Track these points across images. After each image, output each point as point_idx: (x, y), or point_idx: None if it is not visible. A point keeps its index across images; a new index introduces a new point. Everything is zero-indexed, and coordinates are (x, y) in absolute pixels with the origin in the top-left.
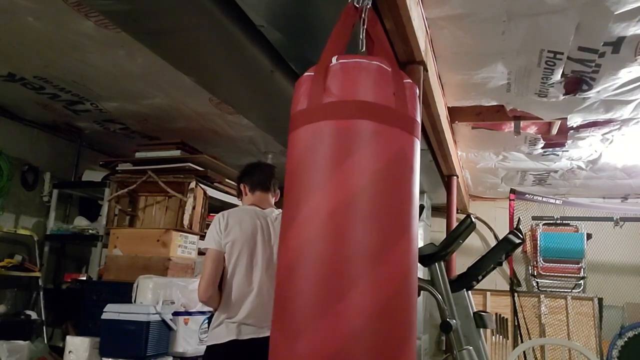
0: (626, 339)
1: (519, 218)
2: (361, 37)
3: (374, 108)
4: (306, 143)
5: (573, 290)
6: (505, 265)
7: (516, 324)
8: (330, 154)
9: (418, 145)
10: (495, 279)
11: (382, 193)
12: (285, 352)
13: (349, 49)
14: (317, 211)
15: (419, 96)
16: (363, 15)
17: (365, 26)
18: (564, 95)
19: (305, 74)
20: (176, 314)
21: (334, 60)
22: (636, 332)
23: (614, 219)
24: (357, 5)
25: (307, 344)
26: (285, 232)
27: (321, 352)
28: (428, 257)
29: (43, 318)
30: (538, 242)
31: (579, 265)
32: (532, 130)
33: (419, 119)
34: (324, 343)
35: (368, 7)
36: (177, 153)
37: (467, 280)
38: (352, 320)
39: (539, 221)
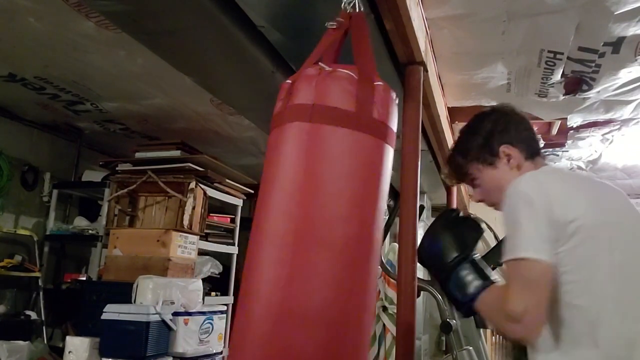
0: None
1: None
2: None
3: (334, 112)
4: (271, 144)
5: None
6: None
7: None
8: (292, 154)
9: (388, 149)
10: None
11: (333, 192)
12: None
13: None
14: (286, 198)
15: (419, 98)
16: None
17: (349, 33)
18: (564, 95)
19: (286, 81)
20: (176, 314)
21: (308, 68)
22: None
23: None
24: (350, 12)
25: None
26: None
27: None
28: None
29: (43, 318)
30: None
31: None
32: None
33: (391, 125)
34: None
35: (357, 13)
36: (177, 153)
37: None
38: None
39: None
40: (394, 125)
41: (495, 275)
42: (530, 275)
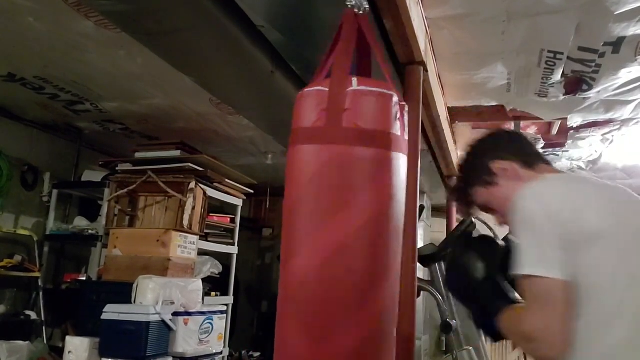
0: None
1: None
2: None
3: (377, 135)
4: (324, 163)
5: None
6: None
7: None
8: (357, 176)
9: (405, 159)
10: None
11: (398, 213)
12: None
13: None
14: (347, 225)
15: (419, 98)
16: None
17: (360, 33)
18: (564, 95)
19: (316, 88)
20: (176, 314)
21: (354, 82)
22: None
23: None
24: (356, 12)
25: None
26: (290, 257)
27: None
28: (428, 258)
29: (43, 318)
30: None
31: None
32: (532, 130)
33: (407, 137)
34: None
35: (365, 12)
36: (177, 153)
37: None
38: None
39: None
40: (407, 134)
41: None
42: (544, 293)
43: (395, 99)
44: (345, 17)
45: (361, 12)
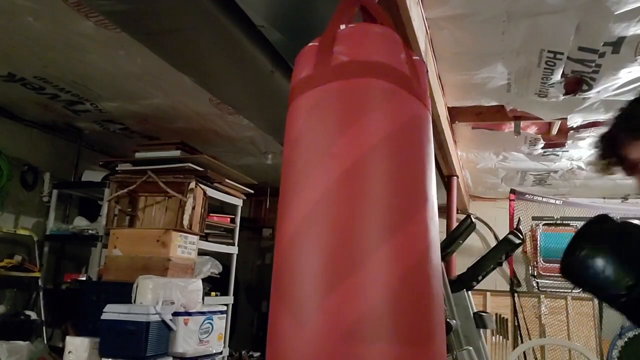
0: (626, 340)
1: (519, 218)
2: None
3: (388, 69)
4: (311, 107)
5: (573, 291)
6: (505, 265)
7: (516, 324)
8: (340, 114)
9: (430, 119)
10: (495, 280)
11: (398, 156)
12: (293, 336)
13: None
14: (327, 175)
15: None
16: None
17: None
18: (564, 95)
19: (309, 44)
20: (176, 314)
21: (342, 27)
22: (636, 333)
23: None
24: None
25: (317, 325)
26: (289, 204)
27: (334, 332)
28: None
29: (43, 318)
30: (538, 242)
31: None
32: (532, 130)
33: (427, 94)
34: (336, 321)
35: None
36: (177, 153)
37: (467, 280)
38: (368, 295)
39: (539, 221)
40: (427, 94)
41: None
42: None
43: (395, 38)
44: None
45: None
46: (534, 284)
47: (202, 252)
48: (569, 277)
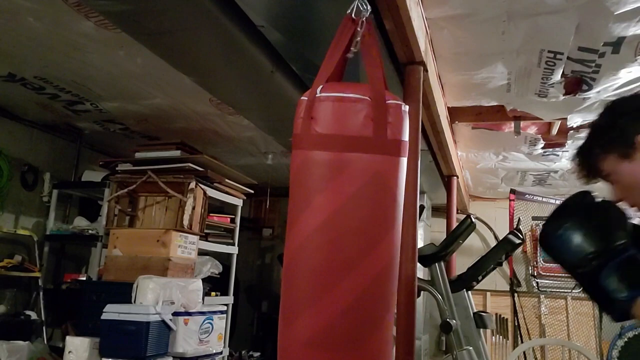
0: (626, 340)
1: (519, 218)
2: (353, 48)
3: (351, 140)
4: (298, 166)
5: (573, 291)
6: (505, 265)
7: (516, 324)
8: (316, 178)
9: (403, 162)
10: (495, 280)
11: (359, 211)
12: (283, 334)
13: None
14: (312, 219)
15: (419, 98)
16: (359, 27)
17: (359, 39)
18: (564, 95)
19: (303, 97)
20: (176, 314)
21: (318, 90)
22: (636, 333)
23: None
24: (354, 17)
25: (300, 326)
26: (288, 232)
27: (312, 330)
28: (428, 258)
29: (43, 318)
30: (538, 242)
31: None
32: (532, 130)
33: (404, 138)
34: (314, 324)
35: (365, 18)
36: (177, 153)
37: (467, 280)
38: (331, 313)
39: (539, 221)
40: (406, 136)
41: None
42: None
43: (364, 100)
44: (343, 22)
45: (362, 18)
46: (534, 284)
47: (202, 252)
48: (542, 246)
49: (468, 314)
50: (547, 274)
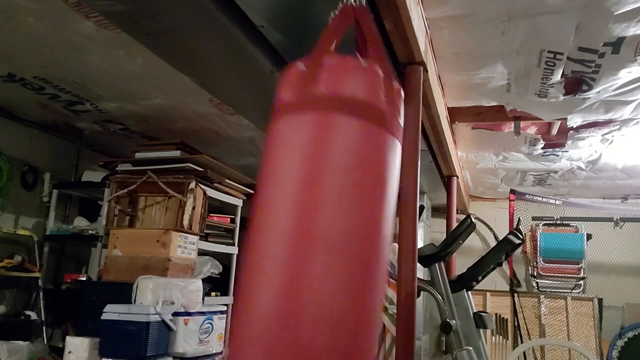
0: (626, 340)
1: (519, 218)
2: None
3: (360, 105)
4: (287, 133)
5: (573, 291)
6: (505, 265)
7: (516, 324)
8: (307, 144)
9: (399, 147)
10: (495, 280)
11: (352, 185)
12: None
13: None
14: (288, 192)
15: (419, 98)
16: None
17: (359, 26)
18: (564, 95)
19: (295, 67)
20: (176, 314)
21: (326, 57)
22: (636, 333)
23: (614, 219)
24: (354, 4)
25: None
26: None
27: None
28: (428, 258)
29: (43, 318)
30: (538, 242)
31: (578, 266)
32: (532, 130)
33: (402, 123)
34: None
35: (362, 4)
36: (177, 153)
37: (467, 280)
38: (307, 288)
39: (539, 221)
40: (402, 121)
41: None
42: None
43: (376, 72)
44: (341, 10)
45: (357, 4)
46: (534, 284)
47: (202, 252)
48: None
49: (468, 314)
50: (547, 274)
